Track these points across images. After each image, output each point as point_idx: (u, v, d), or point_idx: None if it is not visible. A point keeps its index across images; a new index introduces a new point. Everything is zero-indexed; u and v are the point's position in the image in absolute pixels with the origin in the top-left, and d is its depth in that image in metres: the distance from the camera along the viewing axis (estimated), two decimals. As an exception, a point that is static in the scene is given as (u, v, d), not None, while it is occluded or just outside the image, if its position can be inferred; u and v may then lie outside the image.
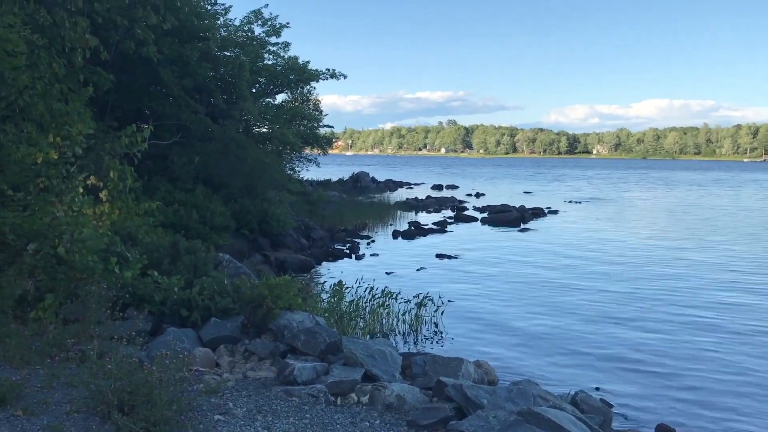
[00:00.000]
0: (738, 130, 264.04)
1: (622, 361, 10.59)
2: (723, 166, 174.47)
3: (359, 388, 6.51)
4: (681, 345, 11.45)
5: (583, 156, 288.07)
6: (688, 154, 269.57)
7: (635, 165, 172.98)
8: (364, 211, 31.03)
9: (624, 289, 16.15)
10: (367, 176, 57.62)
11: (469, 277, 17.55)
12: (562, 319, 13.19)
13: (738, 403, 8.84)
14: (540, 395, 6.23)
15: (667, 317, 13.37)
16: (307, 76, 26.54)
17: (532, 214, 35.61)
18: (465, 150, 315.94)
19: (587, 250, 22.73)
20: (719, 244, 24.40)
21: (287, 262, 17.45)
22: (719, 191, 62.05)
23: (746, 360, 10.64)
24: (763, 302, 14.78)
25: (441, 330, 12.23)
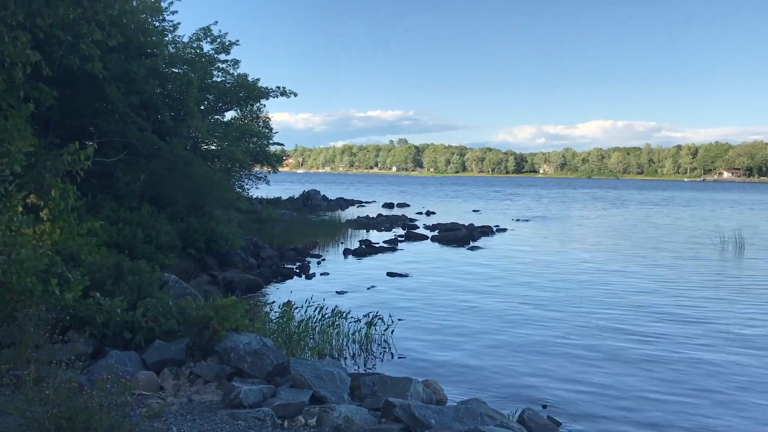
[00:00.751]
0: (679, 151, 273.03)
1: (570, 379, 10.72)
2: (665, 185, 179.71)
3: (307, 410, 6.43)
4: (628, 362, 11.66)
5: (530, 175, 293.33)
6: (632, 174, 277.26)
7: (581, 184, 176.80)
8: (314, 230, 30.88)
9: (570, 306, 16.42)
10: (318, 194, 57.44)
11: (420, 295, 17.61)
12: (511, 337, 13.32)
13: (685, 418, 9.03)
14: (487, 414, 6.25)
15: (614, 334, 13.62)
16: (256, 93, 26.39)
17: (481, 232, 36.00)
18: (416, 168, 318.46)
19: (535, 268, 23.07)
20: (663, 261, 25.06)
21: (235, 282, 17.21)
22: (662, 210, 63.85)
23: (691, 376, 10.89)
24: (705, 317, 15.19)
25: (391, 349, 12.21)
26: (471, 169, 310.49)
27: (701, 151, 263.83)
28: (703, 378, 10.78)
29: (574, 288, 18.99)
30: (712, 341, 13.05)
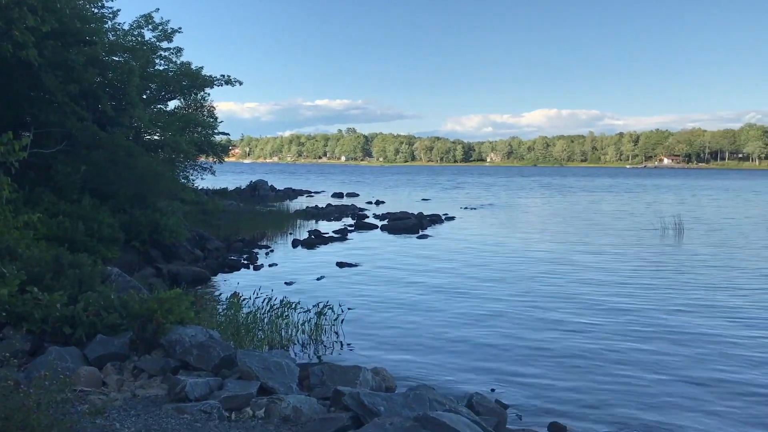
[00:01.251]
0: (621, 138, 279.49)
1: (517, 362, 10.89)
2: (608, 172, 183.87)
3: (254, 401, 6.35)
4: (572, 345, 11.90)
5: (477, 164, 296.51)
6: (576, 161, 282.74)
7: (527, 172, 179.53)
8: (262, 221, 30.54)
9: (518, 291, 16.67)
10: (265, 185, 56.84)
11: (370, 284, 17.61)
12: (459, 323, 13.45)
13: (628, 399, 9.25)
14: (436, 399, 6.28)
15: (560, 317, 13.89)
16: (200, 82, 25.93)
17: (430, 220, 36.23)
18: (365, 158, 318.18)
19: (483, 255, 23.34)
20: (607, 247, 25.64)
21: (181, 275, 16.90)
22: (606, 196, 65.35)
23: (635, 357, 11.17)
24: (646, 302, 15.60)
25: (341, 338, 12.18)
26: (420, 158, 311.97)
27: (642, 139, 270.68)
28: (639, 363, 11.06)
29: (520, 275, 19.27)
30: (649, 328, 13.37)
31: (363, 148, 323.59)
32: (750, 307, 14.98)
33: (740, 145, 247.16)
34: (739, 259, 22.40)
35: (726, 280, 18.31)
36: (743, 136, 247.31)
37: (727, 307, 14.95)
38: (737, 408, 8.81)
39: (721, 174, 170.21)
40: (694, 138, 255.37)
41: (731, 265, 21.02)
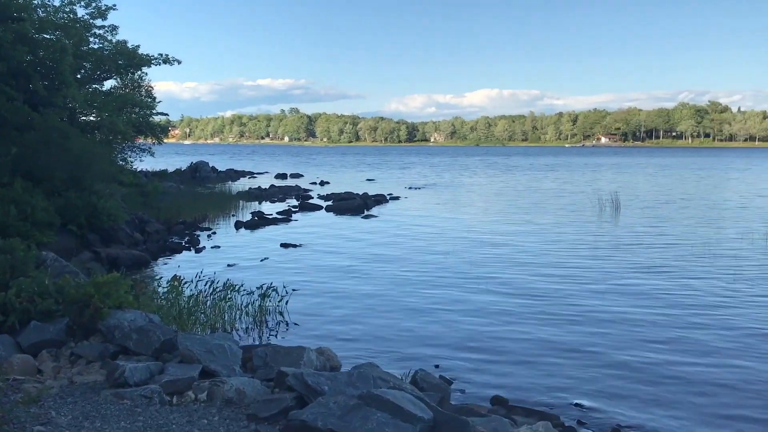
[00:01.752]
0: (560, 118, 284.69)
1: (460, 338, 11.04)
2: (548, 151, 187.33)
3: (196, 385, 6.27)
4: (517, 322, 12.13)
5: (421, 144, 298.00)
6: (517, 141, 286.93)
7: (471, 152, 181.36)
8: (203, 203, 30.05)
9: (461, 269, 16.87)
10: (206, 166, 55.85)
11: (315, 265, 17.56)
12: (404, 301, 13.55)
13: (565, 374, 9.50)
14: (380, 377, 6.32)
15: (500, 294, 14.14)
16: (137, 61, 25.21)
17: (375, 200, 36.28)
18: (309, 138, 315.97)
19: (427, 234, 23.53)
20: (548, 225, 26.17)
21: (120, 259, 16.51)
22: (547, 175, 66.60)
23: (572, 336, 11.45)
24: (582, 281, 16.01)
25: (286, 320, 12.11)
26: (364, 139, 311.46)
27: (581, 118, 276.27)
28: (575, 342, 11.37)
29: (464, 252, 19.50)
30: (585, 308, 13.71)
31: (306, 128, 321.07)
32: (679, 287, 15.52)
33: (674, 123, 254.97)
34: (674, 236, 23.16)
35: (661, 258, 18.90)
36: (677, 115, 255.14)
37: (657, 287, 15.44)
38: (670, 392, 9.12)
39: (656, 152, 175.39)
40: (631, 117, 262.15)
41: (667, 242, 21.72)
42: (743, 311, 12.64)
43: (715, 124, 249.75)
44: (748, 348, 10.45)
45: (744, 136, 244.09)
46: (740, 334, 11.17)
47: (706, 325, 11.76)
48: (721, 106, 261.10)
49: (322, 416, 5.11)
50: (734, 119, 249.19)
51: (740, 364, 9.74)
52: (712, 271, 16.48)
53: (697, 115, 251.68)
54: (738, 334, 11.17)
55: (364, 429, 4.93)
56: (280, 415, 5.52)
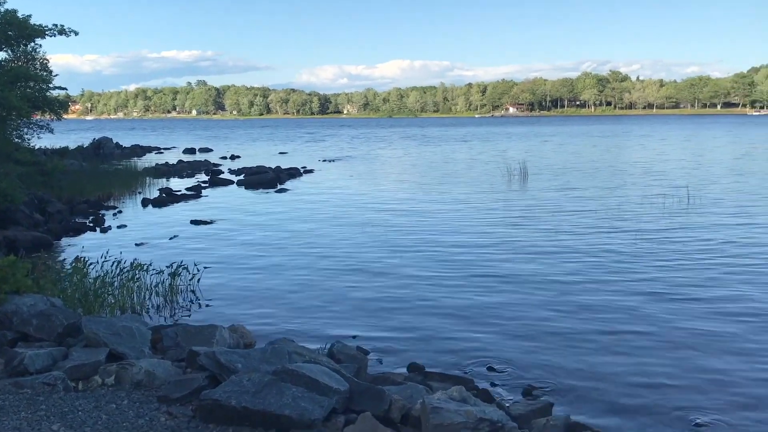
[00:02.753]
0: (470, 89, 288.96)
1: (378, 309, 11.09)
2: (459, 122, 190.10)
3: (103, 369, 6.03)
4: (428, 289, 12.30)
5: (334, 116, 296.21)
6: (428, 112, 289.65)
7: (383, 123, 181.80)
8: (108, 180, 28.85)
9: (377, 240, 16.94)
10: (110, 142, 53.58)
11: (227, 241, 17.22)
12: (319, 275, 13.49)
13: (479, 336, 9.72)
14: (296, 351, 6.26)
15: (415, 263, 14.29)
16: (29, 32, 23.64)
17: (288, 174, 35.88)
18: (218, 112, 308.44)
19: (341, 207, 23.48)
20: (460, 195, 26.61)
21: (19, 241, 15.65)
22: (460, 145, 67.62)
23: (488, 298, 11.74)
24: (494, 243, 16.41)
25: (199, 299, 11.83)
26: (275, 111, 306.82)
27: (489, 89, 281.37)
28: (495, 297, 11.69)
29: (379, 224, 19.58)
30: (493, 274, 14.14)
31: (215, 101, 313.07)
32: (585, 250, 16.14)
33: (578, 93, 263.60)
34: (580, 201, 24.03)
35: (568, 223, 19.57)
36: (580, 84, 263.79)
37: (565, 251, 16.00)
38: (578, 352, 9.49)
39: (562, 120, 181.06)
40: (537, 87, 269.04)
41: (573, 208, 22.50)
42: (645, 271, 13.28)
43: (616, 93, 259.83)
44: (648, 305, 11.00)
45: (643, 104, 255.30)
46: (643, 293, 11.73)
47: (612, 284, 12.29)
48: (622, 75, 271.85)
49: (235, 394, 5.01)
50: (633, 88, 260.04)
51: (644, 321, 10.24)
52: (616, 234, 17.20)
53: (599, 84, 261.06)
54: (641, 293, 11.73)
55: (279, 404, 4.88)
56: (192, 396, 5.39)
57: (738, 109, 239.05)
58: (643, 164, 40.33)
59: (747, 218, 19.45)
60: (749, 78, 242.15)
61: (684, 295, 11.46)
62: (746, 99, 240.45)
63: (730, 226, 18.20)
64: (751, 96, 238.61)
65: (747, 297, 11.38)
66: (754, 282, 12.32)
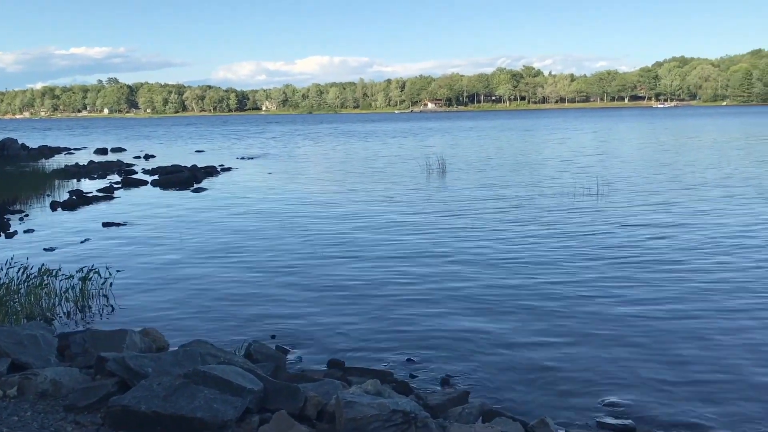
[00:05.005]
0: (389, 85, 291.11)
1: (297, 306, 11.04)
2: (379, 118, 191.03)
3: (4, 380, 5.77)
4: (348, 285, 12.34)
5: (253, 113, 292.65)
6: (348, 108, 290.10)
7: (303, 120, 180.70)
8: (13, 183, 27.54)
9: (295, 238, 16.85)
10: (15, 143, 51.13)
11: (141, 244, 16.74)
12: (236, 274, 13.32)
13: (398, 329, 9.85)
14: (210, 353, 6.19)
15: (334, 260, 14.30)
16: None
17: (205, 172, 35.20)
18: (131, 110, 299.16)
19: (260, 205, 23.24)
20: (379, 191, 26.78)
21: None
22: (381, 142, 67.93)
23: (407, 292, 11.88)
24: (411, 239, 16.62)
25: (111, 303, 11.47)
26: (191, 108, 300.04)
27: (408, 85, 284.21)
28: (414, 291, 11.85)
29: (298, 221, 19.49)
30: (417, 268, 14.36)
31: (128, 99, 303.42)
32: (497, 245, 16.57)
33: (493, 88, 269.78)
34: (496, 195, 24.62)
35: (485, 217, 20.03)
36: (495, 80, 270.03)
37: (483, 245, 16.40)
38: (489, 344, 9.76)
39: (479, 115, 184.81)
40: (454, 83, 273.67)
41: (489, 201, 23.03)
42: (559, 262, 13.77)
43: (529, 88, 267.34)
44: (562, 295, 11.42)
45: (555, 98, 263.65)
46: (556, 282, 12.16)
47: (527, 276, 12.68)
48: (535, 70, 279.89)
49: (145, 399, 4.91)
50: (546, 83, 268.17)
51: (558, 311, 10.62)
52: (530, 226, 17.73)
53: (513, 79, 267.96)
54: (555, 283, 12.15)
55: (191, 407, 4.81)
56: (100, 403, 5.25)
57: (644, 101, 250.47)
58: (556, 156, 41.67)
59: (653, 207, 20.42)
60: (654, 72, 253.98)
61: (595, 285, 11.92)
62: (651, 92, 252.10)
63: (635, 215, 19.07)
64: (656, 89, 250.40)
65: (654, 283, 11.98)
66: (658, 268, 12.99)
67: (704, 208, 19.81)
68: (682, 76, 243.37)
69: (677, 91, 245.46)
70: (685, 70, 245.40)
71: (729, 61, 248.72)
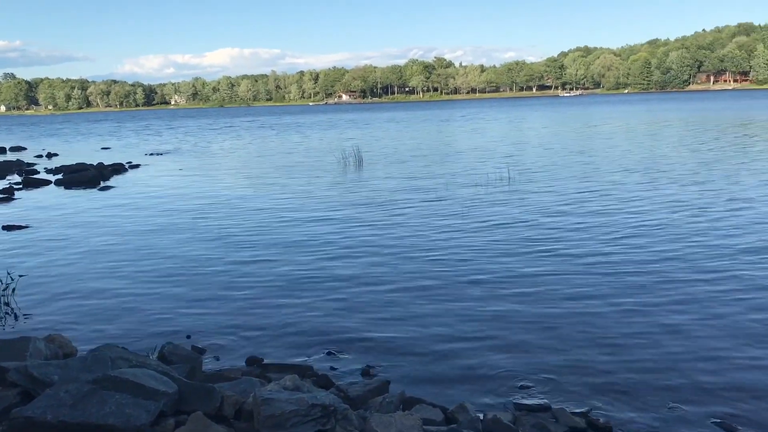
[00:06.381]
0: (302, 77, 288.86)
1: (213, 305, 10.79)
2: (294, 110, 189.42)
3: None
4: (261, 281, 12.18)
5: (161, 107, 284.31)
6: (261, 101, 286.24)
7: (214, 114, 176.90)
8: None
9: (211, 236, 16.48)
10: None
11: (45, 246, 15.97)
12: (147, 274, 12.91)
13: (315, 324, 9.80)
14: (121, 357, 5.97)
15: (246, 258, 14.06)
16: None
17: (113, 170, 33.95)
18: (30, 107, 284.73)
19: (170, 202, 22.61)
20: (296, 185, 26.56)
21: None
22: (295, 134, 67.29)
23: (319, 283, 11.83)
24: (333, 230, 16.57)
25: (14, 310, 10.90)
26: (96, 104, 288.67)
27: (322, 77, 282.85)
28: (330, 285, 11.83)
29: (209, 217, 19.10)
30: (336, 249, 14.36)
31: (27, 95, 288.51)
32: (415, 235, 16.75)
33: (406, 79, 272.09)
34: (413, 186, 24.85)
35: (402, 207, 20.18)
36: (408, 71, 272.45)
37: (399, 233, 16.54)
38: (410, 333, 9.86)
39: (393, 107, 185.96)
40: (367, 75, 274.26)
41: (405, 191, 23.23)
42: (476, 249, 14.04)
43: (441, 79, 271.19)
44: (477, 281, 11.66)
45: (467, 88, 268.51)
46: (472, 271, 12.41)
47: (444, 263, 12.87)
48: (446, 61, 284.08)
49: (51, 408, 4.68)
50: (457, 74, 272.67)
51: (472, 297, 10.84)
52: (444, 215, 18.00)
53: (426, 70, 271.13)
54: (470, 272, 12.39)
55: (101, 414, 4.63)
56: (2, 416, 4.97)
57: (551, 91, 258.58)
58: (473, 146, 42.42)
59: (561, 193, 21.12)
60: (560, 62, 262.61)
61: (509, 274, 12.17)
62: (558, 81, 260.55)
63: (544, 201, 19.68)
64: (562, 78, 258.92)
65: (563, 269, 12.40)
66: (566, 254, 13.46)
67: (617, 193, 20.67)
68: (586, 66, 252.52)
69: (582, 80, 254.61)
70: (589, 60, 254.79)
71: (629, 51, 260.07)
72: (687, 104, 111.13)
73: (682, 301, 10.06)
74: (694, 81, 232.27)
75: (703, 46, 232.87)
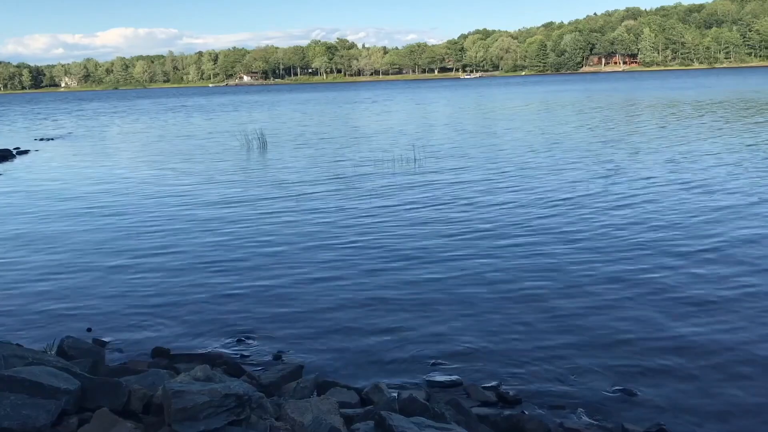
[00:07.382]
0: (201, 57, 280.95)
1: (112, 295, 10.39)
2: (192, 91, 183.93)
3: None
4: (167, 269, 11.81)
5: (51, 90, 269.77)
6: (158, 82, 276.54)
7: (108, 96, 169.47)
8: None
9: (107, 223, 15.82)
10: None
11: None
12: (42, 266, 12.24)
13: (225, 310, 9.58)
14: (15, 354, 5.60)
15: (150, 244, 13.61)
16: None
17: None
18: None
19: (65, 190, 21.55)
20: (196, 169, 25.87)
21: None
22: (197, 116, 65.36)
23: (221, 266, 11.59)
24: (239, 215, 16.24)
25: None
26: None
27: (221, 57, 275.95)
28: (233, 269, 11.60)
29: (110, 204, 18.37)
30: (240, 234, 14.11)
31: None
32: (328, 214, 16.68)
33: (309, 60, 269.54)
34: (316, 167, 24.70)
35: (307, 190, 20.03)
36: (311, 52, 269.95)
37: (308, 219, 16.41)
38: (321, 317, 9.81)
39: (296, 88, 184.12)
40: (269, 55, 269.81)
41: (309, 173, 23.06)
42: (385, 230, 14.11)
43: (344, 61, 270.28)
44: (390, 263, 11.73)
45: (370, 70, 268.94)
46: (377, 256, 12.45)
47: (353, 244, 12.87)
48: (349, 43, 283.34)
49: (-64, 415, 4.33)
50: (361, 55, 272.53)
51: (387, 278, 10.90)
52: (350, 198, 18.00)
53: (329, 52, 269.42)
54: (388, 253, 12.43)
55: (-4, 418, 4.32)
56: None
57: (452, 73, 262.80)
58: (373, 127, 42.55)
59: (464, 171, 21.56)
60: (460, 44, 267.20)
61: (417, 254, 12.27)
62: (458, 64, 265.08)
63: (450, 182, 20.03)
64: (462, 61, 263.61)
65: (472, 244, 12.65)
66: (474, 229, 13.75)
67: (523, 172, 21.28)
68: (485, 48, 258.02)
69: (481, 63, 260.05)
70: (488, 42, 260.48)
71: (526, 33, 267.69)
72: (581, 85, 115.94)
73: (583, 278, 10.48)
74: (587, 63, 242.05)
75: (594, 29, 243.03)
